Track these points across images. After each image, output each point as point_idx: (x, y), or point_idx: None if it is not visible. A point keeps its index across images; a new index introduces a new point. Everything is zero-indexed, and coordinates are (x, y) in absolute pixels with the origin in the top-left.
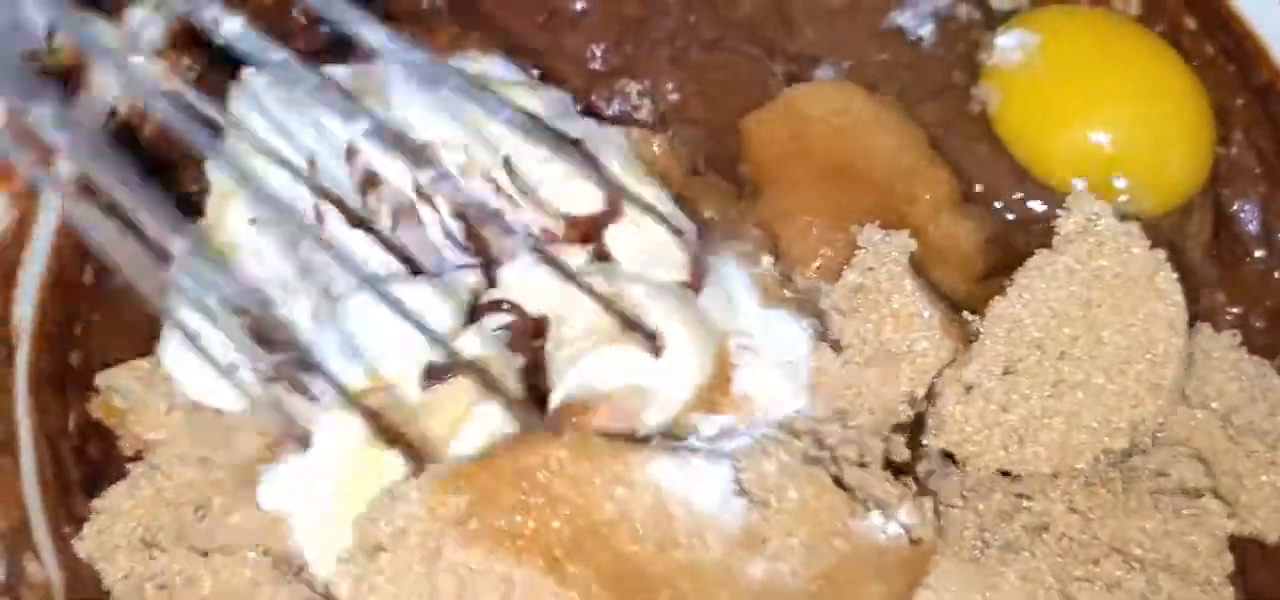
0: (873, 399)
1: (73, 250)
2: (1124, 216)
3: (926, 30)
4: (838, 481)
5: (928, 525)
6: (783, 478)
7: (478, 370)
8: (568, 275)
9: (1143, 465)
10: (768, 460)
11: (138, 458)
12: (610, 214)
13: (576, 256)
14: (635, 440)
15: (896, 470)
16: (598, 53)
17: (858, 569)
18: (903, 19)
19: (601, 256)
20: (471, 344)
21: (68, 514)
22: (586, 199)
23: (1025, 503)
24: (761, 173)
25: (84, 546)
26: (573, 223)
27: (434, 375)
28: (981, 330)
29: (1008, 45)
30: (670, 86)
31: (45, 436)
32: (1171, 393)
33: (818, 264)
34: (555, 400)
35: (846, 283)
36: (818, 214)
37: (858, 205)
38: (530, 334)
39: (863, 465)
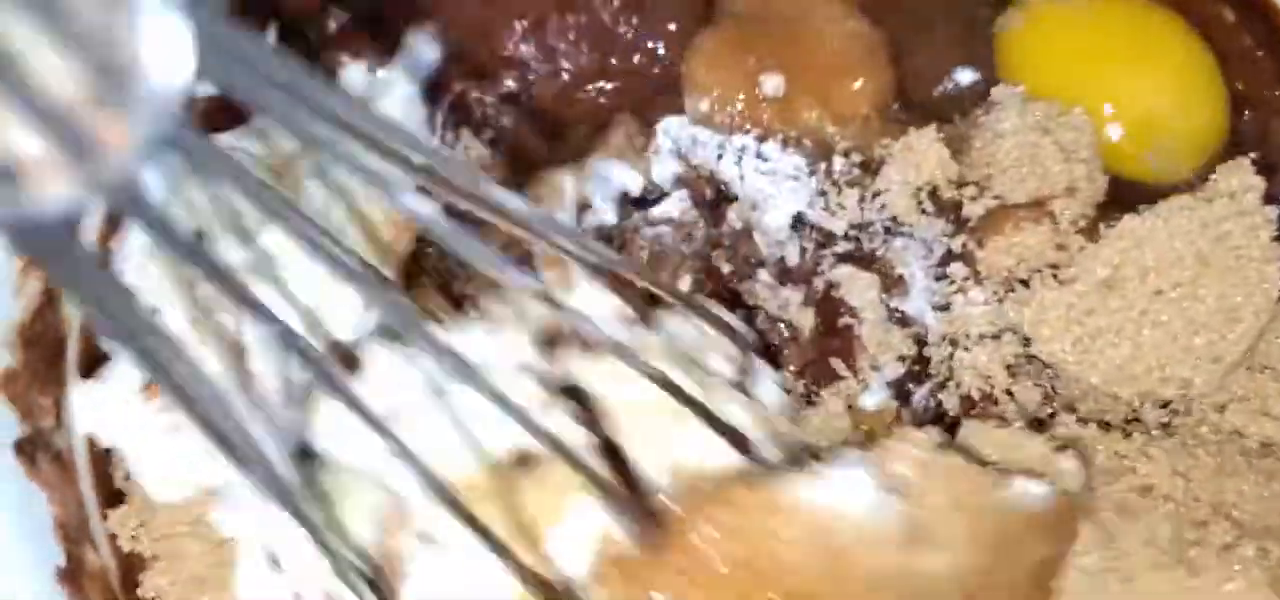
0: None
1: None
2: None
3: None
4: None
5: (1080, 475)
6: (917, 472)
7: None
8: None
9: (1219, 421)
10: (898, 460)
11: None
12: None
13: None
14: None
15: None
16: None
17: (1018, 535)
18: None
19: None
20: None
21: (116, 505)
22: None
23: (1126, 462)
24: None
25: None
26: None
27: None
28: (1104, 234)
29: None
30: None
31: None
32: (1229, 369)
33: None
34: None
35: None
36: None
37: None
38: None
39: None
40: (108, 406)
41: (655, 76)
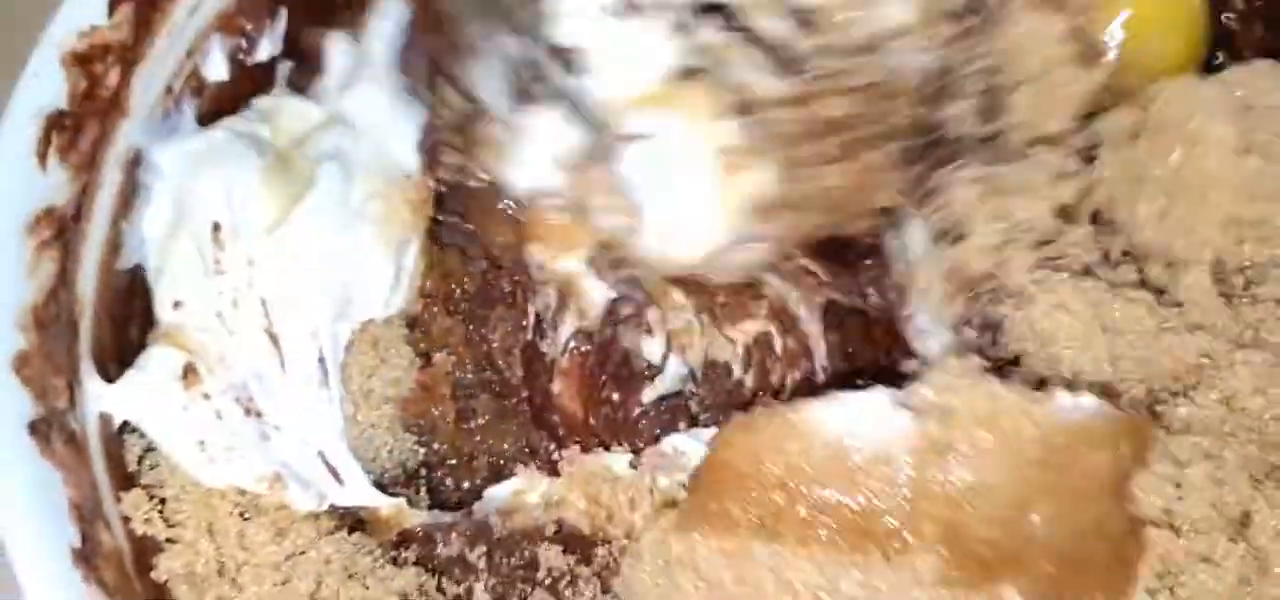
0: None
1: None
2: None
3: None
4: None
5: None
6: (944, 395)
7: None
8: None
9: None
10: (924, 386)
11: None
12: None
13: None
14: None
15: None
16: None
17: (1069, 447)
18: None
19: None
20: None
21: (129, 488)
22: None
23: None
24: None
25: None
26: None
27: None
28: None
29: None
30: None
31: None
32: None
33: None
34: None
35: None
36: None
37: None
38: None
39: None
40: (147, 395)
41: None
